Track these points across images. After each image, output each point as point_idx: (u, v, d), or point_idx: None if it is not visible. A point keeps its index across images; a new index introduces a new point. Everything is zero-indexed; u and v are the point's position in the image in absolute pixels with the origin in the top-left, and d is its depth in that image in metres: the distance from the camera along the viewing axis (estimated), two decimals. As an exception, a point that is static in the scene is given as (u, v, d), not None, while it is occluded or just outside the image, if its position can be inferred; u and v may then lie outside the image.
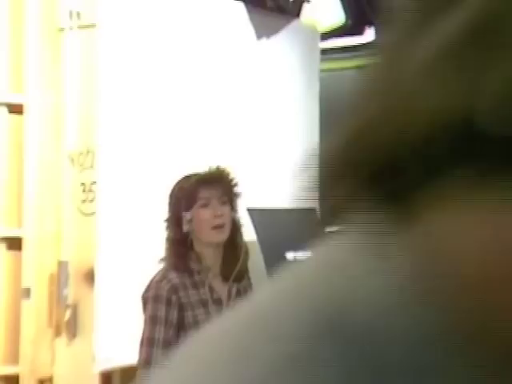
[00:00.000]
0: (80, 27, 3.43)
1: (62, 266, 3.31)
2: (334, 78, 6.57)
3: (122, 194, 3.32)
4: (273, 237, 3.67)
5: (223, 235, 2.43)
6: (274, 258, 3.62)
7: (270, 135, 4.13)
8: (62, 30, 3.47)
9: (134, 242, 3.32)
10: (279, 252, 3.69)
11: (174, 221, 2.43)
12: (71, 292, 3.30)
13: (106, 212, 3.24)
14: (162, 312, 2.30)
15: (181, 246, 2.41)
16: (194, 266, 2.41)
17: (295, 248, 3.77)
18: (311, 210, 4.17)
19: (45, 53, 3.41)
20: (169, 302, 2.31)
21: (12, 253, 3.33)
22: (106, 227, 3.23)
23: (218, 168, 2.47)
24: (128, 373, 3.31)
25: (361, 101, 0.42)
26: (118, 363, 3.23)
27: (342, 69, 7.20)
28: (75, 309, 3.28)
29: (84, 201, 3.41)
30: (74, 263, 3.34)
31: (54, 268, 3.34)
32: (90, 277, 3.23)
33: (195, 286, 2.40)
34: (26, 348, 3.23)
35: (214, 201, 2.42)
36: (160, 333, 2.29)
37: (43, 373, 3.28)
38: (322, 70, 4.63)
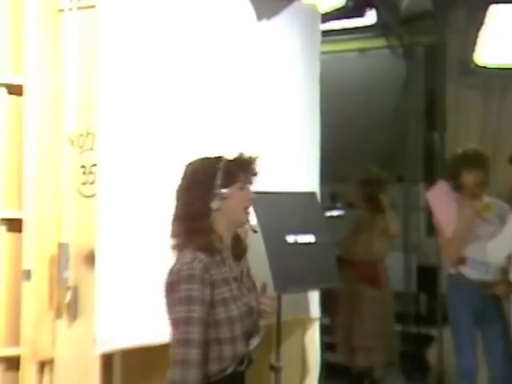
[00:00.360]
0: (80, 8, 3.41)
1: (63, 248, 3.31)
2: (334, 60, 6.55)
3: (122, 175, 3.31)
4: (273, 220, 3.67)
5: (249, 216, 2.56)
6: (274, 241, 3.62)
7: (270, 117, 4.11)
8: (61, 10, 3.45)
9: (135, 223, 3.31)
10: (279, 235, 3.69)
11: (203, 197, 2.46)
12: (72, 274, 3.30)
13: (106, 194, 3.23)
14: (196, 292, 2.34)
15: (205, 223, 2.46)
16: (217, 245, 2.47)
17: (296, 231, 3.77)
18: (312, 194, 4.17)
19: (44, 34, 3.39)
20: (203, 281, 2.35)
21: (12, 235, 3.32)
22: (107, 209, 3.22)
23: (249, 155, 2.55)
24: (129, 355, 3.32)
25: None
26: (119, 345, 3.24)
27: (343, 51, 7.19)
28: (76, 291, 3.28)
29: (84, 183, 3.40)
30: (74, 245, 3.33)
31: (54, 250, 3.34)
32: (90, 259, 3.23)
33: (218, 264, 2.45)
34: (26, 330, 3.24)
35: (246, 185, 2.53)
36: (196, 312, 2.33)
37: (44, 355, 3.29)
38: (323, 52, 4.61)
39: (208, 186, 2.46)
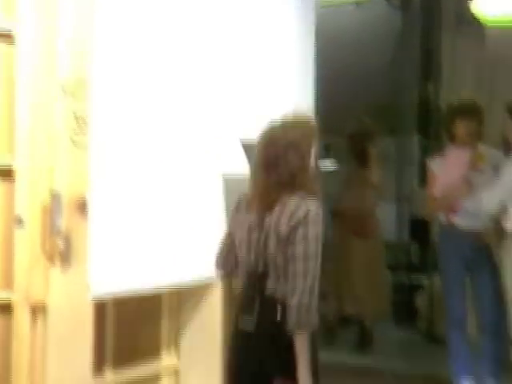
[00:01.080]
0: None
1: (55, 196, 3.32)
2: (330, 13, 6.49)
3: (116, 124, 3.31)
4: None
5: None
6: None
7: (263, 71, 4.09)
8: (53, -44, 3.40)
9: (127, 171, 3.33)
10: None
11: (309, 156, 2.93)
12: (64, 222, 3.32)
13: (99, 143, 3.23)
14: (320, 233, 2.78)
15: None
16: None
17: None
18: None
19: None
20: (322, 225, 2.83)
21: (5, 184, 3.33)
22: (99, 158, 3.23)
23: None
24: (121, 302, 3.37)
25: None
26: (112, 291, 3.28)
27: (339, 4, 7.11)
28: (69, 238, 3.30)
29: (77, 132, 3.39)
30: (67, 194, 3.34)
31: (47, 199, 3.34)
32: (83, 207, 3.24)
33: None
34: (20, 275, 3.26)
35: None
36: (320, 248, 2.76)
37: (37, 299, 3.32)
38: (322, 6, 4.56)
39: (310, 148, 2.96)
